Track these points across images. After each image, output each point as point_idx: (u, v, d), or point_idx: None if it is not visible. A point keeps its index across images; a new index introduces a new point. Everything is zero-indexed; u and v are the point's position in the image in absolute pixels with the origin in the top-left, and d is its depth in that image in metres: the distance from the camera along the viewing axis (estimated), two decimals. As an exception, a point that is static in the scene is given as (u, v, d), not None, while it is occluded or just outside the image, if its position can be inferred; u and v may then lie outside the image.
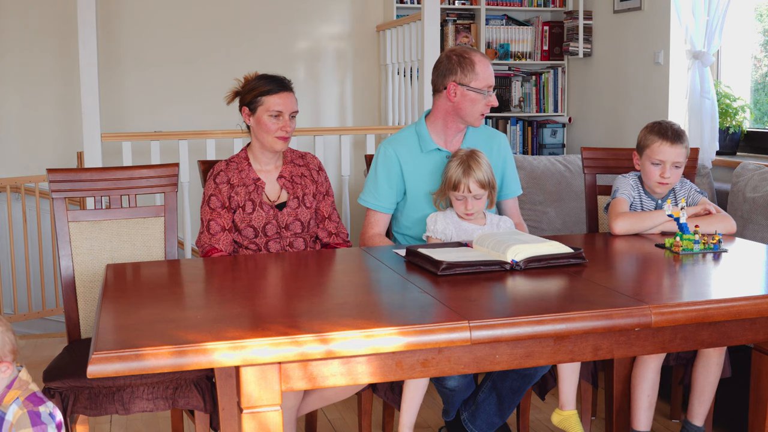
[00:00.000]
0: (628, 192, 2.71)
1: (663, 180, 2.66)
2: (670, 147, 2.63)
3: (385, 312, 1.83)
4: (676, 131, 2.66)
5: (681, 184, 2.74)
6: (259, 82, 2.68)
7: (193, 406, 2.34)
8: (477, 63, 2.75)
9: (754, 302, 1.84)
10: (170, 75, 5.32)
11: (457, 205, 2.60)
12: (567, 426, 2.55)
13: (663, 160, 2.64)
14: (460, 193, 2.57)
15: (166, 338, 1.57)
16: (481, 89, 2.74)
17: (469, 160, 2.58)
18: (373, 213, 2.84)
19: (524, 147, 5.58)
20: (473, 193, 2.56)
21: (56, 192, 2.58)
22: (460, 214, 2.61)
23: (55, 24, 5.15)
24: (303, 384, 1.68)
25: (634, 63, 4.76)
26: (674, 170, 2.66)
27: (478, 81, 2.74)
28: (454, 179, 2.57)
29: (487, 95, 2.76)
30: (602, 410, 3.22)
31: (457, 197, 2.58)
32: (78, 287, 2.61)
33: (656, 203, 2.71)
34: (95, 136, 4.08)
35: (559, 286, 2.02)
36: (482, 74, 2.75)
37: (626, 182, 2.74)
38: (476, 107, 2.76)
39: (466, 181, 2.55)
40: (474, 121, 2.79)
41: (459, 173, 2.56)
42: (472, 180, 2.55)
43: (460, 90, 2.75)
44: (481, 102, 2.76)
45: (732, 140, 4.31)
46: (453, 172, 2.58)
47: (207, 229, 2.66)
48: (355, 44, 5.64)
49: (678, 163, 2.65)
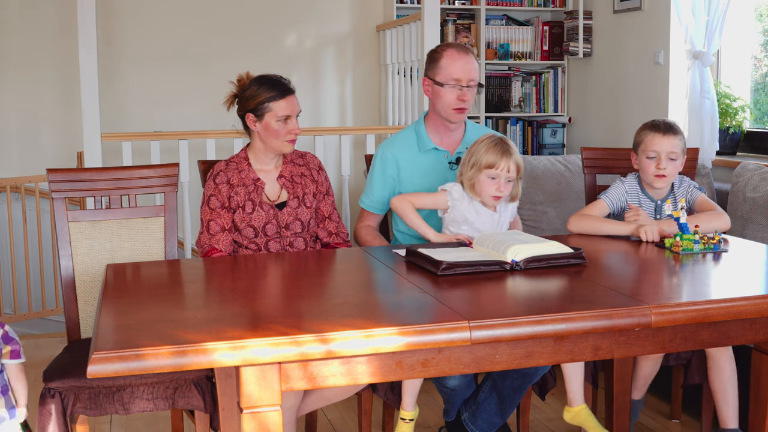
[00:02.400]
0: (616, 198, 2.70)
1: (659, 172, 2.63)
2: (663, 137, 2.63)
3: (385, 312, 1.83)
4: (668, 124, 2.66)
5: (680, 181, 2.73)
6: (260, 88, 2.65)
7: (193, 406, 2.34)
8: (443, 57, 2.75)
9: (754, 302, 1.84)
10: (170, 75, 5.32)
11: (488, 185, 2.47)
12: (580, 420, 2.52)
13: (657, 151, 2.63)
14: (495, 171, 2.45)
15: (166, 338, 1.57)
16: (446, 82, 2.72)
17: (504, 141, 2.50)
18: (367, 213, 2.88)
19: (524, 147, 5.58)
20: (510, 174, 2.47)
21: (56, 192, 2.58)
22: (485, 198, 2.49)
23: (55, 24, 5.15)
24: (303, 384, 1.68)
25: (634, 63, 4.76)
26: (670, 163, 2.63)
27: (442, 74, 2.74)
28: (491, 158, 2.45)
29: (454, 88, 2.72)
30: (602, 410, 3.22)
31: (491, 176, 2.46)
32: (78, 287, 2.61)
33: (656, 204, 2.71)
34: (95, 136, 4.08)
35: (559, 286, 2.02)
36: (447, 67, 2.73)
37: (620, 188, 2.71)
38: (444, 101, 2.75)
39: (506, 162, 2.45)
40: (448, 115, 2.77)
41: (497, 153, 2.45)
42: (512, 161, 2.47)
43: (429, 83, 2.78)
44: (448, 96, 2.74)
45: (732, 140, 4.31)
46: (487, 150, 2.46)
47: (207, 230, 2.66)
48: (355, 44, 5.64)
49: (673, 155, 2.62)
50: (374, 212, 2.87)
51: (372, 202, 2.86)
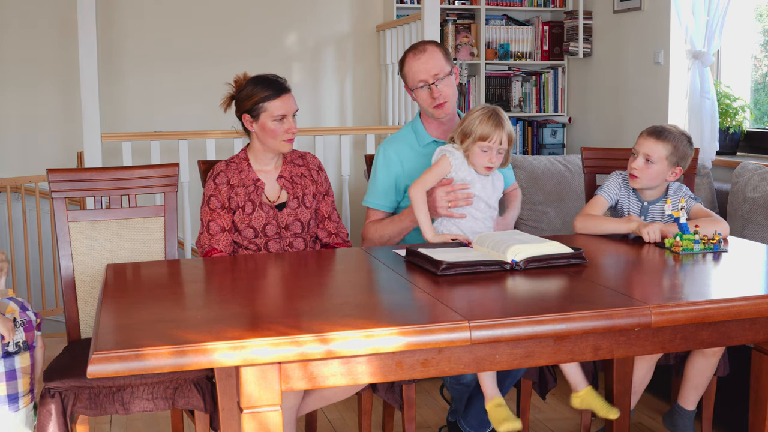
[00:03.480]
0: (613, 191, 2.71)
1: (631, 170, 2.65)
2: (645, 138, 2.64)
3: (385, 312, 1.83)
4: (660, 129, 2.65)
5: (676, 189, 2.70)
6: (255, 88, 2.65)
7: (193, 406, 2.34)
8: (405, 64, 2.83)
9: (754, 302, 1.84)
10: (170, 75, 5.32)
11: (480, 156, 2.49)
12: (588, 402, 2.46)
13: (637, 150, 2.65)
14: (487, 143, 2.47)
15: (166, 338, 1.57)
16: (414, 86, 2.80)
17: (497, 112, 2.50)
18: (373, 211, 2.86)
19: (524, 147, 5.58)
20: (503, 146, 2.49)
21: (56, 192, 2.58)
22: (477, 167, 2.52)
23: (55, 25, 5.15)
24: (303, 384, 1.68)
25: (634, 63, 4.76)
26: (644, 164, 2.62)
27: (408, 80, 2.83)
28: (485, 130, 2.46)
29: (423, 90, 2.78)
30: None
31: (483, 148, 2.48)
32: (78, 287, 2.61)
33: (642, 204, 2.70)
34: (95, 136, 4.08)
35: (559, 286, 2.02)
36: (409, 72, 2.81)
37: (615, 181, 2.73)
38: (422, 103, 2.82)
39: (499, 134, 2.47)
40: (433, 114, 2.82)
41: (491, 125, 2.46)
42: (505, 133, 2.48)
43: (408, 91, 2.87)
44: (421, 97, 2.81)
45: (732, 140, 4.31)
46: (481, 121, 2.47)
47: (207, 230, 2.66)
48: (355, 44, 5.64)
49: (649, 157, 2.61)
50: (380, 209, 2.86)
51: (377, 200, 2.85)
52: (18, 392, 2.25)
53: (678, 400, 2.73)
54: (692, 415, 2.73)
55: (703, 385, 2.69)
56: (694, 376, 2.68)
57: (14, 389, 2.24)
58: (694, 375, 2.67)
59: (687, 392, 2.71)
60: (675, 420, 2.75)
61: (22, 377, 2.26)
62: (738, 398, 2.67)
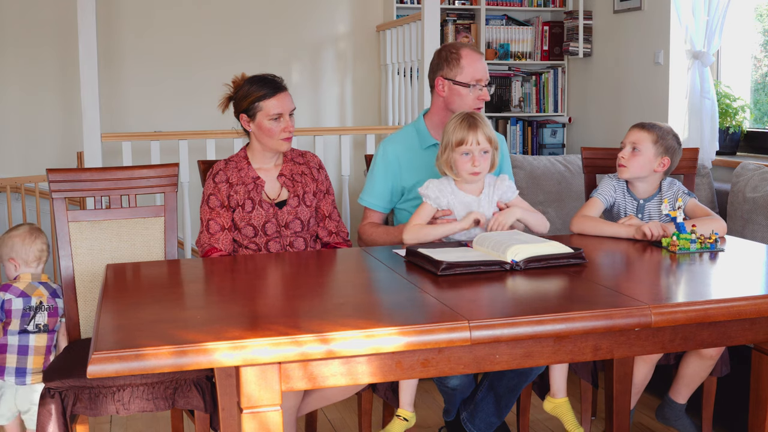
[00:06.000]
0: (608, 193, 2.71)
1: (619, 160, 2.67)
2: (632, 129, 2.68)
3: (385, 312, 1.83)
4: (649, 123, 2.68)
5: (669, 185, 2.70)
6: (251, 87, 2.65)
7: (193, 406, 2.34)
8: (463, 57, 2.76)
9: (754, 302, 1.84)
10: (170, 75, 5.32)
11: (463, 162, 2.45)
12: (559, 413, 2.57)
13: (624, 141, 2.68)
14: (466, 147, 2.43)
15: (166, 338, 1.57)
16: (467, 83, 2.75)
17: (471, 116, 2.48)
18: (370, 212, 2.86)
19: (524, 147, 5.58)
20: (481, 146, 2.44)
21: (56, 192, 2.58)
22: (464, 176, 2.47)
23: (55, 24, 5.15)
24: (303, 384, 1.68)
25: (634, 63, 4.76)
26: (632, 153, 2.65)
27: (464, 75, 2.76)
28: (460, 135, 2.43)
29: (475, 89, 2.76)
30: (602, 410, 3.22)
31: (463, 152, 2.44)
32: (78, 287, 2.62)
33: (638, 203, 2.70)
34: (95, 136, 4.08)
35: (559, 286, 2.02)
36: (468, 68, 2.76)
37: (609, 183, 2.73)
38: (465, 101, 2.77)
39: (474, 136, 2.43)
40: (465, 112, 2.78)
41: (464, 128, 2.44)
42: (480, 133, 2.44)
43: (447, 84, 2.79)
44: (469, 96, 2.77)
45: (732, 140, 4.31)
46: (455, 128, 2.45)
47: (206, 229, 2.66)
48: (355, 44, 5.64)
49: (636, 144, 2.64)
50: (376, 210, 2.86)
51: (373, 198, 2.85)
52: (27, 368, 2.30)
53: (670, 393, 2.77)
54: (683, 408, 2.76)
55: (697, 383, 2.72)
56: (688, 375, 2.70)
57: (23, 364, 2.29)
58: (689, 374, 2.69)
59: (679, 388, 2.74)
60: (666, 412, 2.80)
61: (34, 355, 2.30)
62: (738, 398, 2.67)
